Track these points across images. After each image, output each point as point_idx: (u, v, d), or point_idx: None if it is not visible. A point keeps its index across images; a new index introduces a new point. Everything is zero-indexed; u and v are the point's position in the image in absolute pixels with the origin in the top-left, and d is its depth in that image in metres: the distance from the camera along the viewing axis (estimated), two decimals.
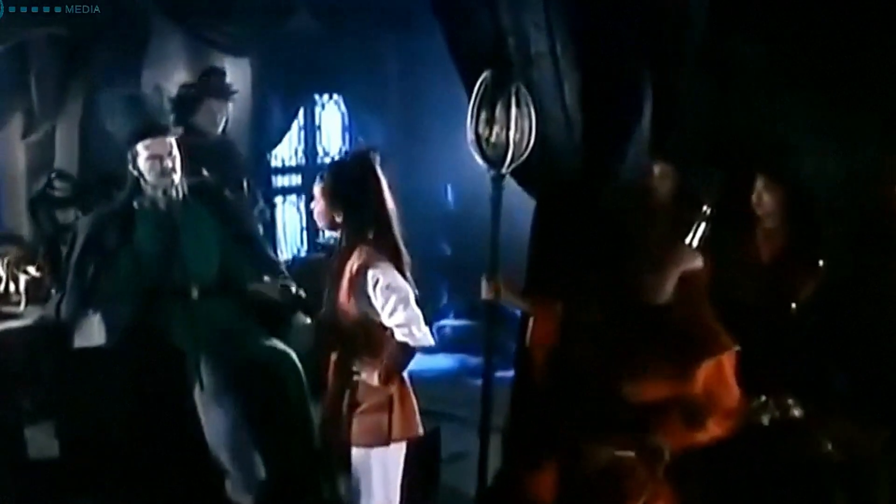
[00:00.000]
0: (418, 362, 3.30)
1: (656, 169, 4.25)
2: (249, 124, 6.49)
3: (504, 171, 3.34)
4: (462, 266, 6.76)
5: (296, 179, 7.29)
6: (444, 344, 6.70)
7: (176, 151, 3.94)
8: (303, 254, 7.23)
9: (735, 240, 3.97)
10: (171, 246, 3.90)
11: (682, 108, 4.18)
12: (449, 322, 7.37)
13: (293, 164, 7.27)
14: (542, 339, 3.29)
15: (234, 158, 5.27)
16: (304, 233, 7.28)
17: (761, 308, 3.76)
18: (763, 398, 3.26)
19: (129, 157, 3.92)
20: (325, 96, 7.43)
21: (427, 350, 3.26)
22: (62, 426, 3.89)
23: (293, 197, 7.26)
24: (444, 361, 6.64)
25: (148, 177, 3.92)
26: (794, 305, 3.82)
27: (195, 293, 3.95)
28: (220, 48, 6.22)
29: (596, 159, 4.04)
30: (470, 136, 3.35)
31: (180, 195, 3.97)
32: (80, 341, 3.90)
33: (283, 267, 4.22)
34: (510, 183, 3.57)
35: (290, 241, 7.23)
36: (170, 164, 3.91)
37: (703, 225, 3.37)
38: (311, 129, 7.38)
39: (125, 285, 3.89)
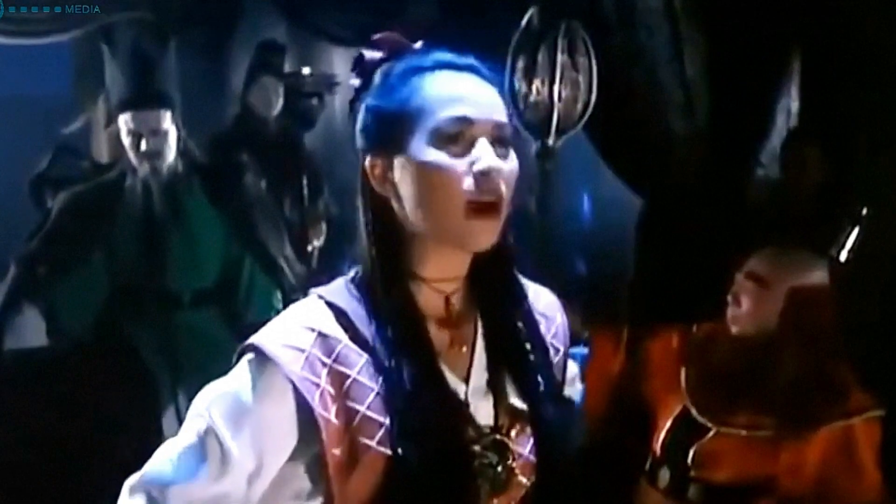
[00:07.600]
0: None
1: (803, 159, 3.32)
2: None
3: (551, 141, 2.45)
4: (599, 286, 6.05)
5: None
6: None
7: (167, 127, 3.19)
8: None
9: None
10: (158, 242, 3.23)
11: (841, 86, 3.26)
12: (579, 351, 6.53)
13: None
14: (599, 374, 2.43)
15: (295, 148, 4.65)
16: None
17: None
18: None
19: (118, 128, 3.26)
20: None
21: None
22: None
23: None
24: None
25: (131, 156, 3.23)
26: None
27: (185, 301, 3.27)
28: (331, 38, 5.78)
29: (725, 147, 3.23)
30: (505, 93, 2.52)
31: (165, 180, 3.22)
32: (10, 341, 3.17)
33: (293, 280, 3.45)
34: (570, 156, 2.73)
35: None
36: (153, 147, 3.16)
37: (855, 231, 2.46)
38: None
39: (90, 283, 3.25)
